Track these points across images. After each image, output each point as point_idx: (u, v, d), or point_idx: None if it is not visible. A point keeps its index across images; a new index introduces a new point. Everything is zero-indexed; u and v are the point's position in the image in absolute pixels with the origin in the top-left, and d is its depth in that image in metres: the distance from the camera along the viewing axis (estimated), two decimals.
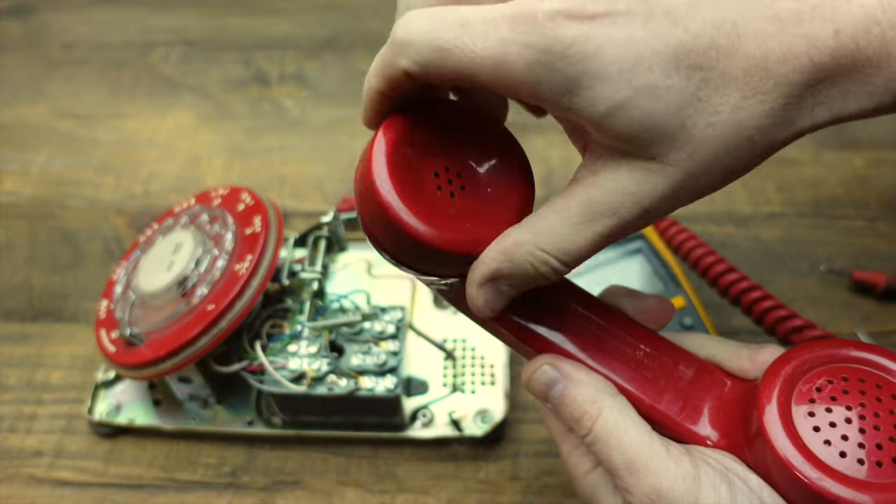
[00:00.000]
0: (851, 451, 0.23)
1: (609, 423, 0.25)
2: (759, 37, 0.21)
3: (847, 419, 0.23)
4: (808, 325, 0.39)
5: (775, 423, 0.23)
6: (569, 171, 0.57)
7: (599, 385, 0.26)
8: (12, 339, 0.48)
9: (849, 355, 0.25)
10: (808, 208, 0.53)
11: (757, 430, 0.24)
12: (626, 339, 0.27)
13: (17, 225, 0.55)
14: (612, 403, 0.25)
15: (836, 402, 0.23)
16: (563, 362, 0.26)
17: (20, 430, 0.43)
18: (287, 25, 0.72)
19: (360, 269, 0.48)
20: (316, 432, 0.41)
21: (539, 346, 0.27)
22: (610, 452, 0.24)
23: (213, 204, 0.43)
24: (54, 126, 0.63)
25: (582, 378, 0.26)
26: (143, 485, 0.41)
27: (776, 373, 0.24)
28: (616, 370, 0.26)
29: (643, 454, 0.24)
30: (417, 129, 0.24)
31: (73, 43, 0.71)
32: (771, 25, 0.21)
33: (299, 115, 0.63)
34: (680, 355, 0.27)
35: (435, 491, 0.40)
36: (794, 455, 0.22)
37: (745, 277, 0.43)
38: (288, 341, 0.39)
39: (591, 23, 0.20)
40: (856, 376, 0.24)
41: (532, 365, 0.27)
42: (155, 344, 0.38)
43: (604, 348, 0.27)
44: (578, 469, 0.27)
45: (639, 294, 0.28)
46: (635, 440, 0.24)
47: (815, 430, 0.23)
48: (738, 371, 0.27)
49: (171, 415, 0.42)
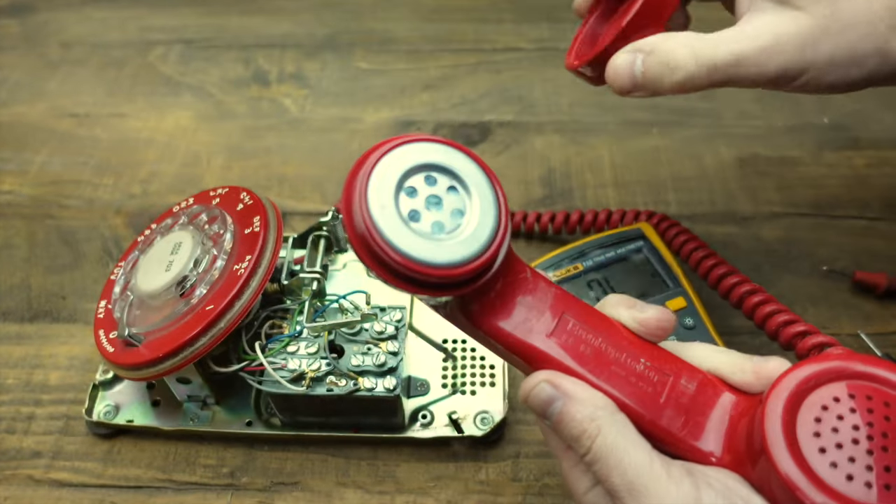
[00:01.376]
0: (859, 474, 0.22)
1: (608, 443, 0.24)
2: None
3: (854, 440, 0.22)
4: (811, 330, 0.39)
5: (780, 445, 0.22)
6: (569, 170, 0.57)
7: (598, 402, 0.25)
8: (10, 340, 0.48)
9: (855, 370, 0.24)
10: (809, 208, 0.53)
11: (760, 450, 0.23)
12: (626, 352, 0.26)
13: (15, 225, 0.55)
14: (612, 422, 0.25)
15: (842, 421, 0.23)
16: (561, 379, 0.26)
17: (18, 431, 0.43)
18: (286, 25, 0.72)
19: (359, 270, 0.48)
20: (315, 433, 0.41)
21: (536, 361, 0.26)
22: (609, 473, 0.24)
23: (211, 204, 0.43)
24: (53, 125, 0.62)
25: (580, 395, 0.25)
26: (141, 486, 0.41)
27: (781, 391, 0.24)
28: (616, 385, 0.26)
29: (643, 475, 0.23)
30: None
31: (72, 42, 0.71)
32: None
33: (299, 115, 0.62)
34: (682, 368, 0.26)
35: (435, 492, 0.40)
36: (800, 478, 0.22)
37: (746, 280, 0.42)
38: (287, 342, 0.39)
39: None
40: (863, 393, 0.23)
41: (530, 381, 0.26)
42: (153, 344, 0.38)
43: (603, 362, 0.26)
44: (578, 487, 0.27)
45: (638, 304, 0.28)
46: (635, 461, 0.24)
47: (822, 451, 0.22)
48: (741, 384, 0.26)
49: (169, 415, 0.42)
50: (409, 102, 0.63)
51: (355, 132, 0.60)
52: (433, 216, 0.24)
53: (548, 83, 0.64)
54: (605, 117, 0.61)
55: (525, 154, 0.58)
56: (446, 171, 0.25)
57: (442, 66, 0.66)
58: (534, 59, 0.67)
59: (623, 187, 0.55)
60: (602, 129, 0.60)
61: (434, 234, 0.24)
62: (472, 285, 0.25)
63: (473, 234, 0.24)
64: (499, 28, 0.70)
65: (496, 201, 0.25)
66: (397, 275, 0.23)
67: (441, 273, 0.23)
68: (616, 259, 0.46)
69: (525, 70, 0.66)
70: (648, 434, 0.25)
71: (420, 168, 0.25)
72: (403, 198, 0.24)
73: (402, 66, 0.67)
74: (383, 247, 0.23)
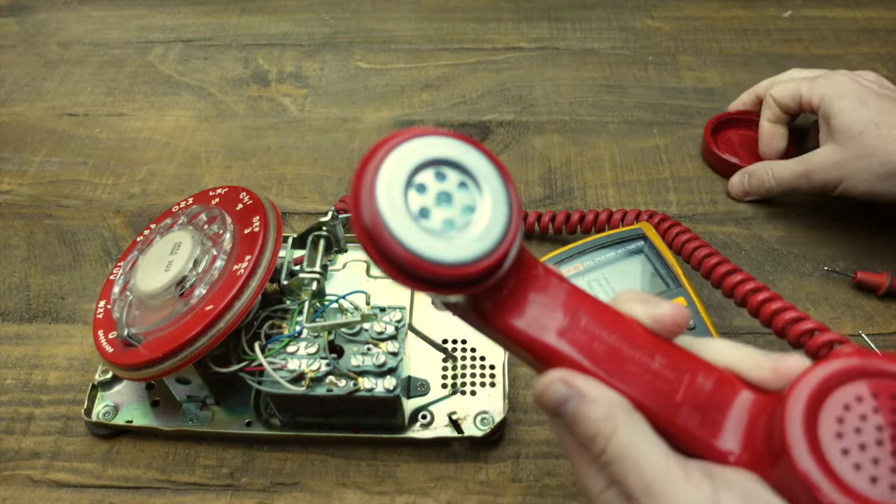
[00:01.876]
0: (883, 476, 0.21)
1: (624, 443, 0.24)
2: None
3: (878, 441, 0.22)
4: (820, 328, 0.39)
5: (801, 446, 0.22)
6: (569, 171, 0.57)
7: (613, 401, 0.25)
8: (9, 340, 0.47)
9: (878, 369, 0.23)
10: (810, 208, 0.53)
11: (781, 450, 0.22)
12: (640, 349, 0.26)
13: (14, 225, 0.55)
14: (628, 421, 0.24)
15: (865, 421, 0.22)
16: (576, 377, 0.25)
17: (17, 432, 0.43)
18: (286, 24, 0.72)
19: (359, 270, 0.48)
20: (315, 433, 0.41)
21: (550, 359, 0.26)
22: (626, 474, 0.24)
23: (211, 204, 0.43)
24: (52, 125, 0.62)
25: (595, 395, 0.25)
26: (140, 486, 0.41)
27: (802, 389, 0.23)
28: (631, 383, 0.25)
29: (660, 477, 0.23)
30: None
31: (71, 41, 0.71)
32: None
33: (298, 115, 0.62)
34: (698, 366, 0.26)
35: (435, 492, 0.40)
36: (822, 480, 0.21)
37: (751, 278, 0.42)
38: (287, 342, 0.39)
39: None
40: (886, 392, 0.23)
41: (543, 380, 0.26)
42: (153, 344, 0.37)
43: (618, 360, 0.25)
44: (593, 487, 0.26)
45: (652, 300, 0.27)
46: (652, 462, 0.23)
47: (844, 452, 0.22)
48: (759, 382, 0.26)
49: (169, 416, 0.42)
50: (408, 102, 0.63)
51: (355, 132, 0.60)
52: (443, 213, 0.24)
53: (548, 83, 0.64)
54: (605, 117, 0.61)
55: (525, 154, 0.58)
56: (456, 167, 0.24)
57: (442, 66, 0.66)
58: (534, 58, 0.67)
59: (623, 187, 0.55)
60: (602, 129, 0.60)
61: (444, 231, 0.23)
62: (483, 283, 0.24)
63: (485, 232, 0.24)
64: (499, 28, 0.70)
65: (508, 197, 0.24)
66: (408, 273, 0.23)
67: (452, 272, 0.23)
68: (616, 259, 0.46)
69: (525, 70, 0.65)
70: (665, 433, 0.25)
71: (430, 163, 0.24)
72: (413, 194, 0.23)
73: (401, 65, 0.67)
74: (393, 245, 0.22)
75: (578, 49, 0.67)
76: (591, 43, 0.68)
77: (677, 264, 0.45)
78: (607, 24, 0.70)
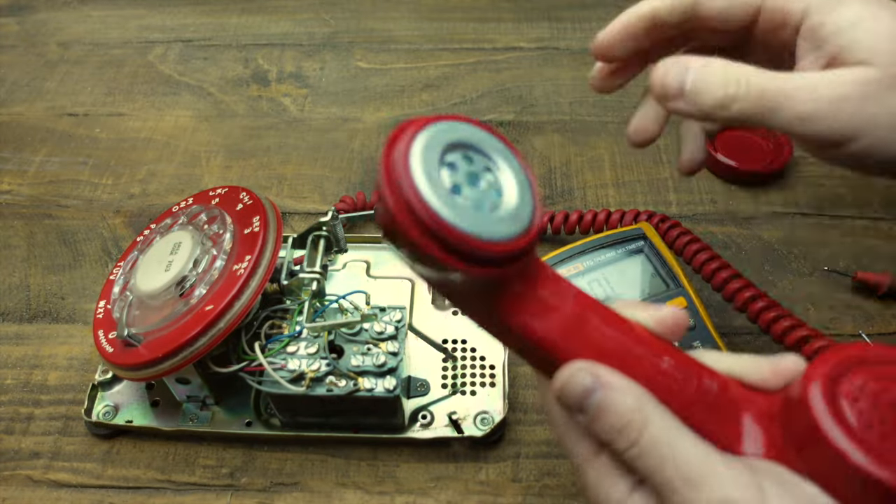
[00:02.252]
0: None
1: (657, 433, 0.23)
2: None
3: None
4: (815, 334, 0.39)
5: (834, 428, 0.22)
6: (569, 171, 0.57)
7: (640, 391, 0.24)
8: (9, 340, 0.47)
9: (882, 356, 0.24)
10: (810, 208, 0.53)
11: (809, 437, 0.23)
12: (649, 349, 0.25)
13: (14, 225, 0.55)
14: (658, 411, 0.23)
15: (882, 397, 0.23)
16: (600, 368, 0.24)
17: (17, 432, 0.43)
18: (286, 24, 0.72)
19: (359, 270, 0.48)
20: (315, 433, 0.41)
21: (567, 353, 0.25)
22: (662, 465, 0.23)
23: (211, 204, 0.43)
24: (51, 125, 0.62)
25: (622, 384, 0.24)
26: (140, 486, 0.41)
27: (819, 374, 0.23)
28: (647, 381, 0.25)
29: (700, 465, 0.22)
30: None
31: (71, 41, 0.71)
32: None
33: (298, 115, 0.62)
34: (702, 368, 0.26)
35: (435, 492, 0.40)
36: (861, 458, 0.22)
37: (750, 285, 0.42)
38: (287, 342, 0.39)
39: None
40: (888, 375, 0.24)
41: (564, 372, 0.24)
42: (153, 344, 0.37)
43: (631, 357, 0.25)
44: (613, 493, 0.24)
45: (651, 305, 0.27)
46: (689, 450, 0.23)
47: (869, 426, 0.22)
48: (759, 384, 0.26)
49: (169, 416, 0.42)
50: (408, 102, 0.63)
51: (355, 132, 0.60)
52: (473, 192, 0.24)
53: (548, 83, 0.64)
54: (605, 117, 0.61)
55: (525, 154, 0.58)
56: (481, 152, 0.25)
57: (442, 66, 0.66)
58: (534, 58, 0.66)
59: (623, 187, 0.55)
60: (602, 129, 0.60)
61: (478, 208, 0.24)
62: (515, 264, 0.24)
63: (515, 213, 0.24)
64: (499, 28, 0.70)
65: (530, 184, 0.25)
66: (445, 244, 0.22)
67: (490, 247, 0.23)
68: (616, 259, 0.46)
69: (525, 70, 0.65)
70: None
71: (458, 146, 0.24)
72: (444, 171, 0.24)
73: (401, 65, 0.67)
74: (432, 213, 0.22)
75: (578, 49, 0.67)
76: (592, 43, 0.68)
77: (677, 264, 0.45)
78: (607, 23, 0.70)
